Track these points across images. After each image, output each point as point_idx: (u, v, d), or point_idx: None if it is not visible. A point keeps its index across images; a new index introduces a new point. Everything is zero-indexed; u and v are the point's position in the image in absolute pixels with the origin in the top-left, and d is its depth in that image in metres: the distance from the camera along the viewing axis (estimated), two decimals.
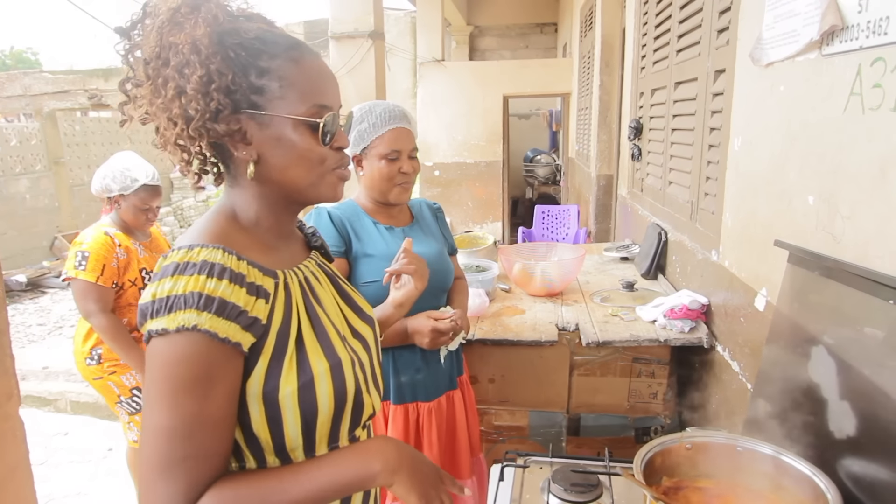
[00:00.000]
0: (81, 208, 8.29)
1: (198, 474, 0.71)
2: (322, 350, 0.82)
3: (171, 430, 0.69)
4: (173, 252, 0.74)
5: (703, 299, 1.91)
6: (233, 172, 0.83)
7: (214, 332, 0.70)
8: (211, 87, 0.74)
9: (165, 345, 0.70)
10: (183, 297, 0.69)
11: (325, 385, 0.80)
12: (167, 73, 0.74)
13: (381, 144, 1.53)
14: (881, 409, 0.93)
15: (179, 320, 0.69)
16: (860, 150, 1.05)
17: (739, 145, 1.66)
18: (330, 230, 1.52)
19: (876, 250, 1.01)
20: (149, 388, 0.71)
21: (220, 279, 0.71)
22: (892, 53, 0.96)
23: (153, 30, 0.74)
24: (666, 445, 1.11)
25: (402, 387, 1.59)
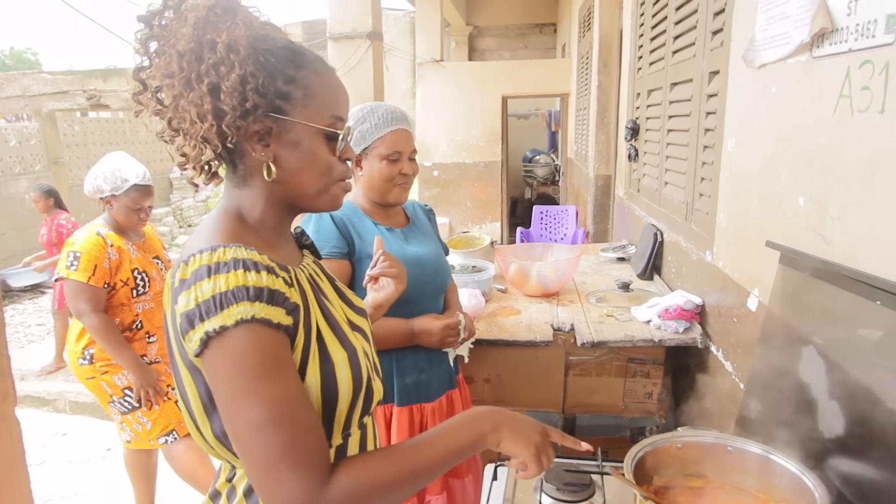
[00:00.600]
0: (81, 209, 8.27)
1: (313, 448, 0.72)
2: (338, 340, 0.84)
3: (268, 420, 0.70)
4: (194, 257, 0.74)
5: (698, 300, 1.92)
6: (242, 173, 0.84)
7: (269, 319, 0.72)
8: (246, 87, 0.77)
9: (227, 341, 0.70)
10: (231, 293, 0.71)
11: (345, 373, 0.82)
12: (202, 69, 0.76)
13: (382, 145, 1.54)
14: (869, 408, 0.94)
15: (235, 314, 0.70)
16: (849, 152, 1.06)
17: (733, 146, 1.66)
18: (332, 231, 1.52)
19: (864, 251, 1.02)
20: (225, 389, 0.71)
21: (258, 271, 0.73)
22: (879, 56, 0.97)
23: (188, 24, 0.76)
24: (657, 445, 1.12)
25: (407, 388, 1.59)
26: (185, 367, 0.77)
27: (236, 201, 0.86)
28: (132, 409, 2.34)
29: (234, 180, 0.86)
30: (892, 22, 0.94)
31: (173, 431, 2.40)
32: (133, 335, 2.35)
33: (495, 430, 0.85)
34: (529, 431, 0.87)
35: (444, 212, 7.44)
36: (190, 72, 0.76)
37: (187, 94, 0.77)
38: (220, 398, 0.73)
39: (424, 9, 7.51)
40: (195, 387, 0.77)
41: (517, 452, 0.86)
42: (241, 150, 0.82)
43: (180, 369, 0.78)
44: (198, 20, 0.76)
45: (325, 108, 0.83)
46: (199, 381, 0.77)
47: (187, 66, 0.76)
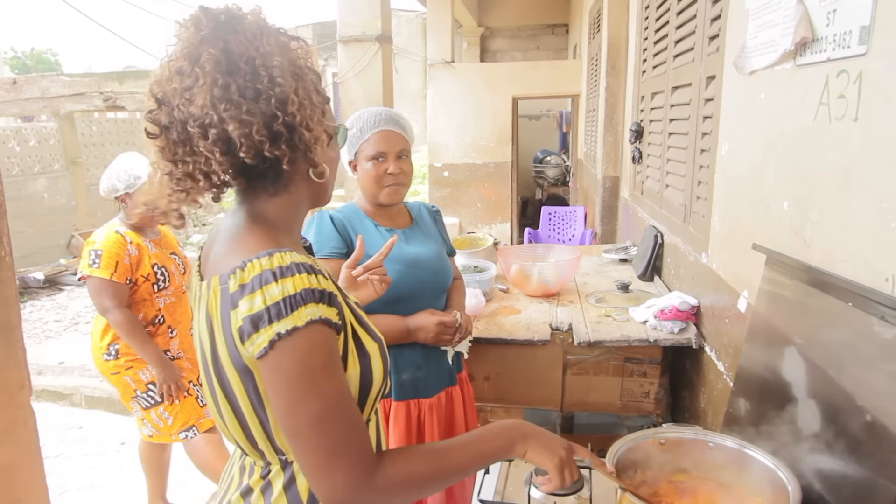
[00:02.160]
0: (98, 207, 8.45)
1: (363, 441, 0.78)
2: (368, 334, 0.89)
3: (327, 415, 0.76)
4: (252, 263, 0.76)
5: (693, 301, 1.95)
6: (285, 180, 0.87)
7: (330, 319, 0.78)
8: (313, 96, 0.84)
9: (297, 341, 0.74)
10: (300, 295, 0.75)
11: (378, 363, 0.88)
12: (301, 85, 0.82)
13: (367, 147, 1.60)
14: (840, 405, 0.97)
15: (306, 315, 0.74)
16: (827, 158, 1.10)
17: (726, 150, 1.70)
18: (331, 232, 1.58)
19: (839, 254, 1.05)
20: (288, 387, 0.75)
21: (317, 274, 0.78)
22: (854, 66, 1.01)
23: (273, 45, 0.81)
24: (639, 440, 1.16)
25: (404, 384, 1.63)
26: (234, 371, 0.80)
27: (263, 210, 0.88)
28: (155, 404, 2.41)
29: (272, 189, 0.87)
30: (864, 33, 0.97)
31: (193, 427, 2.46)
32: (156, 330, 2.42)
33: (524, 441, 0.91)
34: (556, 446, 0.94)
35: (454, 212, 7.48)
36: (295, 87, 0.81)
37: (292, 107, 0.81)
38: (282, 395, 0.76)
39: (436, 10, 7.56)
40: (244, 388, 0.81)
41: (542, 463, 0.93)
42: (288, 157, 0.83)
43: (228, 373, 0.80)
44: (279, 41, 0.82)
45: (331, 112, 0.92)
46: (248, 382, 0.80)
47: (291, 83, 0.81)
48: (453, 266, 1.87)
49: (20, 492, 1.27)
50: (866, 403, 0.91)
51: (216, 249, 0.87)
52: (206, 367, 0.84)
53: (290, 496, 0.85)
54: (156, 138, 0.81)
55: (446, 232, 1.86)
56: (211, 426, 2.49)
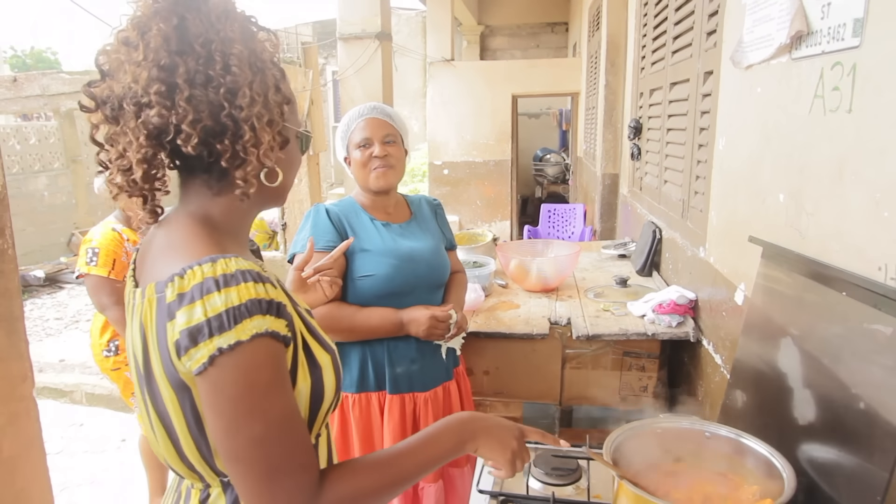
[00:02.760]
0: (98, 206, 8.45)
1: (308, 462, 0.73)
2: (320, 344, 0.84)
3: (270, 435, 0.70)
4: (192, 270, 0.70)
5: (691, 295, 1.96)
6: (231, 180, 0.78)
7: (277, 332, 0.72)
8: (269, 94, 0.78)
9: (240, 357, 0.68)
10: (244, 307, 0.69)
11: (330, 376, 0.83)
12: (259, 79, 0.76)
13: (355, 136, 1.64)
14: (834, 394, 0.98)
15: (251, 328, 0.68)
16: (822, 150, 1.11)
17: (723, 145, 1.71)
18: (327, 226, 1.60)
19: (833, 245, 1.06)
20: (229, 405, 0.69)
21: (265, 283, 0.72)
22: (848, 58, 1.02)
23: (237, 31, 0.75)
24: (637, 430, 1.17)
25: (398, 377, 1.64)
26: (169, 387, 0.73)
27: (207, 209, 0.81)
28: None
29: (216, 188, 0.81)
30: (858, 25, 0.98)
31: None
32: None
33: (473, 439, 0.89)
34: (506, 437, 0.92)
35: (454, 210, 7.49)
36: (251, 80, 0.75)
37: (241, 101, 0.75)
38: (221, 415, 0.70)
39: (435, 8, 7.56)
40: (179, 407, 0.74)
41: (493, 458, 0.91)
42: (235, 153, 0.77)
43: (162, 390, 0.74)
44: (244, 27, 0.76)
45: (297, 113, 0.88)
46: (184, 400, 0.73)
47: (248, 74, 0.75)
48: (454, 260, 1.87)
49: (23, 483, 1.28)
50: (860, 392, 0.92)
51: (153, 253, 0.80)
52: (139, 382, 0.77)
53: None
54: (90, 113, 0.76)
55: (448, 226, 1.86)
56: None
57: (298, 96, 5.05)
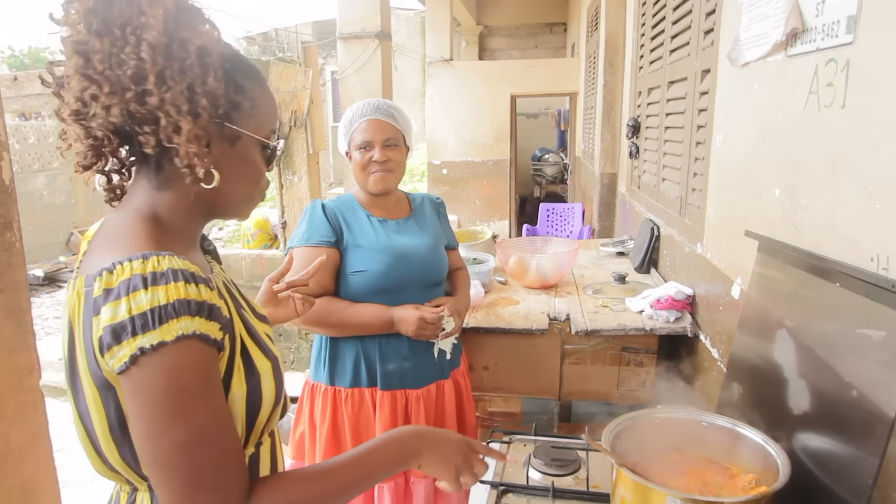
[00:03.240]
0: (97, 205, 8.47)
1: (236, 468, 0.72)
2: (261, 351, 0.83)
3: (195, 440, 0.68)
4: (122, 265, 0.68)
5: (689, 290, 1.98)
6: (167, 174, 0.78)
7: (207, 335, 0.70)
8: (219, 90, 0.76)
9: (164, 358, 0.67)
10: (171, 306, 0.67)
11: (269, 383, 0.82)
12: (176, 67, 0.73)
13: (356, 136, 1.65)
14: (828, 384, 1.01)
15: (176, 329, 0.67)
16: (816, 145, 1.13)
17: (721, 142, 1.73)
18: (322, 221, 1.62)
19: (828, 238, 1.08)
20: (150, 408, 0.67)
21: (197, 283, 0.70)
22: (842, 54, 1.04)
23: (158, 17, 0.72)
24: (635, 420, 1.19)
25: (389, 374, 1.64)
26: (92, 385, 0.71)
27: (152, 204, 0.80)
28: None
29: (155, 181, 0.79)
30: (851, 22, 1.00)
31: None
32: None
33: (417, 456, 0.89)
34: (451, 454, 0.92)
35: (453, 209, 7.51)
36: (162, 67, 0.72)
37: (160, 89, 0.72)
38: (143, 417, 0.68)
39: (435, 8, 7.58)
40: (103, 407, 0.72)
41: (437, 475, 0.92)
42: (173, 151, 0.75)
43: (86, 387, 0.72)
44: (169, 15, 0.73)
45: (265, 120, 0.84)
46: (108, 400, 0.71)
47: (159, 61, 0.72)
48: (457, 259, 1.88)
49: (30, 473, 1.30)
50: (853, 380, 0.94)
51: (91, 247, 0.78)
52: (67, 379, 0.75)
53: None
54: (49, 88, 0.77)
55: (449, 225, 1.87)
56: None
57: (299, 95, 5.07)
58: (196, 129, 0.74)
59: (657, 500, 0.97)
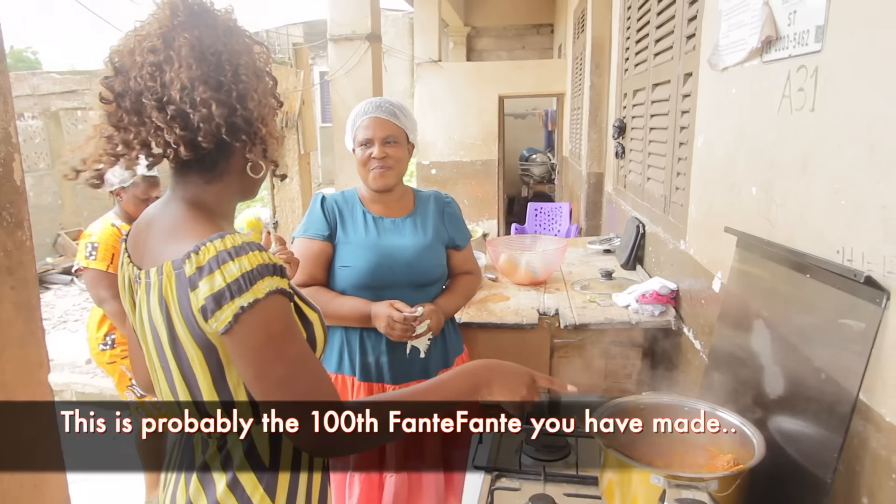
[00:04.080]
0: (84, 206, 8.43)
1: (328, 391, 0.85)
2: (307, 304, 0.95)
3: (292, 374, 0.82)
4: (205, 246, 0.81)
5: (673, 285, 2.06)
6: (221, 169, 0.91)
7: (284, 289, 0.83)
8: (269, 97, 0.91)
9: (259, 312, 0.80)
10: (256, 270, 0.80)
11: (319, 329, 0.96)
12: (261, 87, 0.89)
13: (358, 133, 1.69)
14: (800, 368, 1.08)
15: (265, 287, 0.80)
16: (789, 146, 1.21)
17: (702, 143, 1.81)
18: (318, 215, 1.69)
19: (800, 232, 1.16)
20: (255, 356, 0.81)
21: (265, 251, 0.84)
22: (811, 61, 1.11)
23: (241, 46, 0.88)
24: (622, 405, 1.26)
25: (368, 366, 1.68)
26: (196, 348, 0.84)
27: (199, 196, 0.91)
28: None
29: (208, 177, 0.91)
30: (819, 32, 1.08)
31: None
32: None
33: (487, 384, 1.02)
34: (517, 385, 1.05)
35: None
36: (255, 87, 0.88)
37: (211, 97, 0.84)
38: (250, 364, 0.82)
39: (423, 10, 7.65)
40: (206, 365, 0.85)
41: (503, 399, 1.04)
42: (230, 149, 0.88)
43: (189, 351, 0.85)
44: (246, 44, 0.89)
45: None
46: (211, 357, 0.85)
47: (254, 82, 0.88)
48: (464, 260, 1.84)
49: (41, 467, 1.34)
50: (822, 364, 1.02)
51: (156, 238, 0.90)
52: (159, 349, 0.88)
53: (252, 462, 0.90)
54: (107, 104, 0.86)
55: (458, 225, 1.84)
56: None
57: (290, 96, 5.10)
58: (274, 131, 0.91)
59: (642, 478, 1.04)
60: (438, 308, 1.69)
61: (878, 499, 0.90)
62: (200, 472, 0.92)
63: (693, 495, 0.97)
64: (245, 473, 0.91)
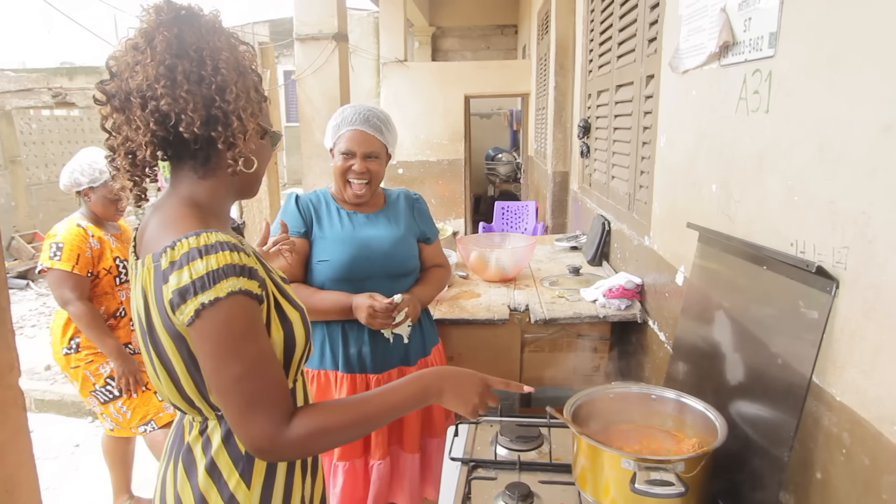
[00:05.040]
0: (39, 208, 8.16)
1: (280, 398, 0.90)
2: (290, 303, 1.00)
3: (246, 374, 0.86)
4: (181, 242, 0.86)
5: (638, 280, 2.13)
6: (212, 165, 0.96)
7: (250, 290, 0.88)
8: (251, 93, 0.96)
9: (219, 311, 0.85)
10: (222, 270, 0.85)
11: (300, 328, 1.00)
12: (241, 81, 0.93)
13: (340, 142, 1.72)
14: (758, 355, 1.15)
15: (227, 287, 0.85)
16: (746, 145, 1.28)
17: (664, 142, 1.88)
18: (294, 213, 1.73)
19: (756, 227, 1.23)
20: (213, 350, 0.86)
21: (238, 252, 0.88)
22: (765, 66, 1.18)
23: (224, 42, 0.92)
24: (592, 395, 1.32)
25: (350, 357, 1.73)
26: (168, 338, 0.89)
27: (192, 191, 0.97)
28: (113, 398, 2.43)
29: (201, 172, 0.96)
30: (773, 38, 1.15)
31: (151, 421, 2.49)
32: (118, 322, 2.44)
33: (438, 394, 1.04)
34: (469, 393, 1.06)
35: None
36: (235, 80, 0.92)
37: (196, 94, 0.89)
38: (208, 358, 0.87)
39: (388, 9, 7.65)
40: (178, 353, 0.91)
41: (456, 409, 1.07)
42: (215, 143, 0.92)
43: (163, 340, 0.90)
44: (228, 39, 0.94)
45: (267, 114, 1.03)
46: (181, 347, 0.90)
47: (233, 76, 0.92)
48: (435, 254, 1.93)
49: (11, 468, 1.32)
50: (778, 350, 1.09)
51: (150, 229, 0.95)
52: (143, 336, 0.94)
53: (229, 448, 0.96)
54: (102, 105, 0.92)
55: (427, 220, 1.92)
56: (169, 420, 2.51)
57: None
58: (256, 125, 0.96)
59: (613, 463, 1.09)
60: (414, 296, 1.75)
61: (831, 472, 0.97)
62: (186, 454, 0.98)
63: (661, 476, 1.02)
64: (222, 457, 0.96)
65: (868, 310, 0.88)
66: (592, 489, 1.13)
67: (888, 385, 0.84)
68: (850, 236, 0.92)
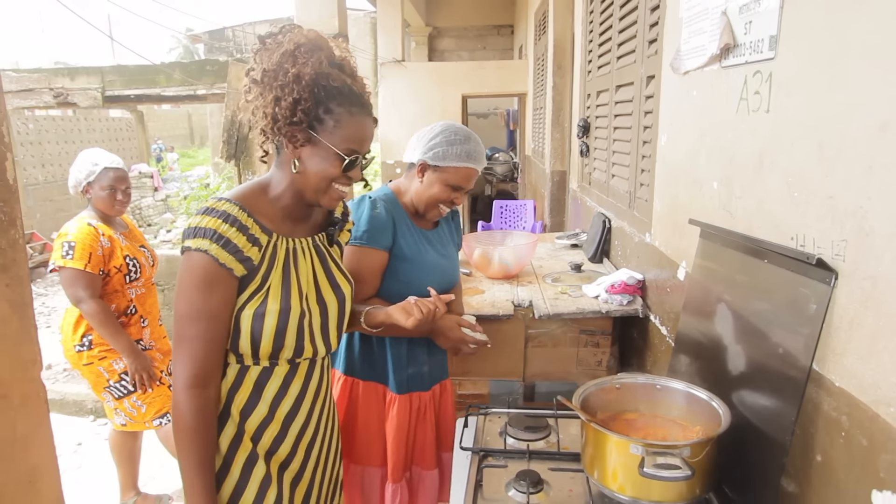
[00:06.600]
0: (36, 208, 8.16)
1: (200, 350, 1.09)
2: (280, 297, 1.16)
3: (184, 315, 1.09)
4: (210, 200, 1.13)
5: (639, 276, 2.18)
6: (282, 159, 1.20)
7: (216, 257, 1.08)
8: (297, 106, 1.12)
9: (188, 257, 1.09)
10: (203, 230, 1.08)
11: (272, 320, 1.15)
12: (274, 86, 1.12)
13: (452, 175, 1.63)
14: (759, 345, 1.20)
15: (197, 243, 1.08)
16: (746, 144, 1.32)
17: (665, 141, 1.93)
18: (384, 224, 1.61)
19: (757, 222, 1.28)
20: (178, 284, 1.10)
21: (231, 225, 1.10)
22: (766, 67, 1.23)
23: (277, 51, 1.12)
24: (600, 386, 1.36)
25: (410, 378, 1.72)
26: None
27: (271, 177, 1.23)
28: (127, 393, 2.46)
29: (277, 162, 1.22)
30: (773, 41, 1.20)
31: (167, 414, 2.52)
32: (128, 320, 2.47)
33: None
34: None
35: None
36: (266, 85, 1.13)
37: (260, 98, 1.14)
38: (176, 291, 1.12)
39: (385, 9, 7.68)
40: None
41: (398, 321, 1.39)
42: (283, 144, 1.18)
43: None
44: (285, 52, 1.12)
45: (346, 139, 1.16)
46: None
47: (267, 81, 1.13)
48: None
49: (35, 460, 1.36)
50: (779, 340, 1.13)
51: None
52: None
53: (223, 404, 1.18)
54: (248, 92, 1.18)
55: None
56: None
57: None
58: (289, 130, 1.14)
59: (621, 449, 1.13)
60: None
61: (830, 455, 1.01)
62: None
63: (668, 461, 1.07)
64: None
65: (866, 299, 0.93)
66: (601, 475, 1.18)
67: (885, 369, 0.88)
68: (848, 229, 0.97)
